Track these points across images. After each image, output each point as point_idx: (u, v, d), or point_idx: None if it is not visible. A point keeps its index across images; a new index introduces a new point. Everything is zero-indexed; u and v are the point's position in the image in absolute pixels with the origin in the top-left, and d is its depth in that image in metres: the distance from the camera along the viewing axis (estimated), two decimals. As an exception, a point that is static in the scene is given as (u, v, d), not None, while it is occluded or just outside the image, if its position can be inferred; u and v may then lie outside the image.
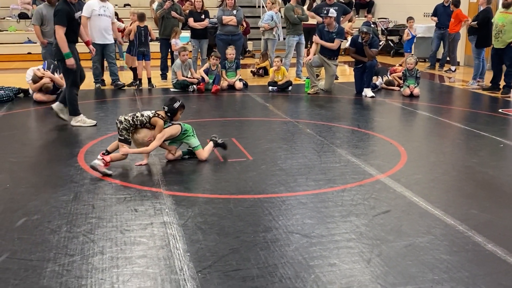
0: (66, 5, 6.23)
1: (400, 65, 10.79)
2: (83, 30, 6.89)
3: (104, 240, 3.47)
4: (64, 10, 6.20)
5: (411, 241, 3.49)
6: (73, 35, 6.44)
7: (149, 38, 9.81)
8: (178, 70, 9.47)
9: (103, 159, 4.76)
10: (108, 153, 4.88)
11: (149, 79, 9.84)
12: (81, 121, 6.67)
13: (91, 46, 6.96)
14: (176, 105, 5.09)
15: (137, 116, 5.01)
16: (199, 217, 3.83)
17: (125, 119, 4.97)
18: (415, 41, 14.20)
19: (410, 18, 12.55)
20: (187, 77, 9.51)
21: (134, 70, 9.89)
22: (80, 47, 6.75)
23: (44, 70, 8.31)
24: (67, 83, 6.62)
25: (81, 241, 3.44)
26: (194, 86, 9.37)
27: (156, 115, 5.03)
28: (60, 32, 6.22)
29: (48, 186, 4.50)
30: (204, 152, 5.24)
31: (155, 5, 15.12)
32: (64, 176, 4.75)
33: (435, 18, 12.38)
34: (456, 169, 5.11)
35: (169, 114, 5.08)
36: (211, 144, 5.38)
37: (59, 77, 8.14)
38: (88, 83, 9.42)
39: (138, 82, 9.79)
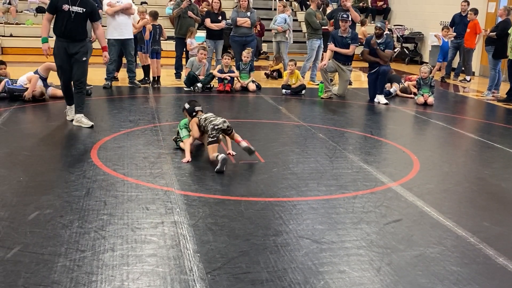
0: None
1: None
2: (100, 35, 6.61)
3: (115, 237, 3.48)
4: None
5: (422, 251, 3.47)
6: (60, 28, 6.22)
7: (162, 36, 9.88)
8: (187, 67, 9.51)
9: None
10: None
11: (158, 78, 9.86)
12: (79, 121, 6.49)
13: (105, 53, 6.67)
14: (189, 104, 5.68)
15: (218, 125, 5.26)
16: (210, 218, 3.84)
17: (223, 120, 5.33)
18: (430, 49, 14.18)
19: (446, 27, 12.38)
20: (198, 75, 9.54)
21: (146, 68, 9.91)
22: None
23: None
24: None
25: (93, 237, 3.46)
26: (199, 84, 9.38)
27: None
28: (44, 18, 6.38)
29: (61, 180, 4.53)
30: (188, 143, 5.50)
31: (170, 5, 15.21)
32: (77, 171, 4.78)
33: (453, 34, 12.26)
34: (469, 180, 5.08)
35: (189, 113, 5.64)
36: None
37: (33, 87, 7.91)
38: (101, 78, 9.50)
39: (152, 80, 9.83)
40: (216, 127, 5.17)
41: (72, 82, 6.54)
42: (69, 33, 6.28)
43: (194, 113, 5.54)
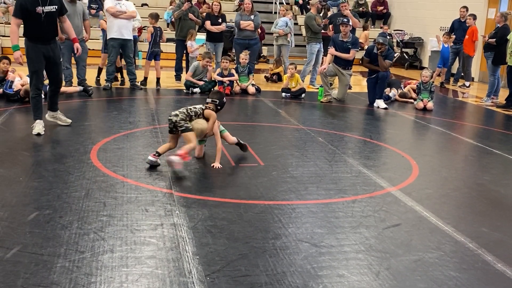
0: None
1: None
2: (68, 27, 6.38)
3: (114, 238, 3.48)
4: (20, 1, 5.80)
5: (421, 256, 3.48)
6: (36, 31, 5.88)
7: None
8: (190, 71, 9.53)
9: (179, 155, 4.86)
10: (159, 154, 5.05)
11: (158, 79, 9.87)
12: (34, 126, 6.09)
13: (76, 45, 6.49)
14: (225, 99, 5.42)
15: (191, 109, 5.19)
16: (209, 221, 3.84)
17: (180, 111, 5.14)
18: (429, 54, 14.21)
19: (448, 34, 12.41)
20: (200, 79, 9.54)
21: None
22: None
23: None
24: (30, 82, 6.19)
25: (92, 238, 3.46)
26: (197, 89, 9.39)
27: (208, 107, 5.25)
28: (12, 23, 5.90)
29: (61, 181, 4.53)
30: (199, 150, 5.38)
31: (170, 10, 15.27)
32: (77, 172, 4.78)
33: (453, 37, 12.29)
34: (468, 185, 5.09)
35: (219, 107, 5.34)
36: (234, 139, 5.59)
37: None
38: (101, 80, 9.51)
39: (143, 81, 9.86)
40: (168, 117, 5.15)
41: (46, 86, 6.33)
42: (46, 35, 5.98)
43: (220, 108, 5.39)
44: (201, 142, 5.34)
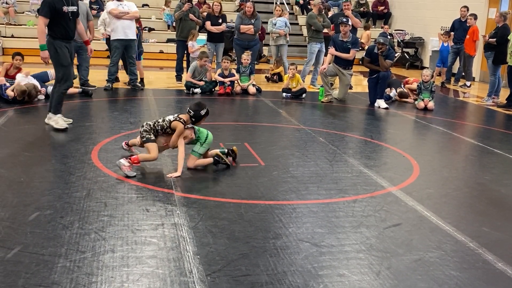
0: None
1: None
2: (81, 29, 6.65)
3: (115, 238, 3.49)
4: (48, 1, 6.01)
5: (421, 255, 3.48)
6: (61, 30, 6.14)
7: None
8: (189, 72, 9.54)
9: (130, 159, 4.78)
10: (128, 145, 5.26)
11: (142, 80, 9.84)
12: (55, 121, 6.37)
13: (89, 46, 6.79)
14: (203, 112, 5.04)
15: (158, 122, 5.03)
16: (210, 220, 3.85)
17: (146, 123, 5.04)
18: (430, 54, 14.21)
19: (447, 33, 12.41)
20: (200, 80, 9.55)
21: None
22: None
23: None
24: (56, 78, 6.43)
25: (93, 238, 3.46)
26: (197, 90, 9.40)
27: (178, 119, 4.96)
28: (40, 22, 6.05)
29: (62, 182, 4.54)
30: (197, 161, 5.04)
31: (169, 11, 15.35)
32: (78, 172, 4.78)
33: (452, 35, 12.32)
34: (469, 185, 5.09)
35: (193, 119, 5.03)
36: (210, 160, 5.13)
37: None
38: (102, 80, 9.52)
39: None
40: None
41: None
42: (71, 34, 6.30)
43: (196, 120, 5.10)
44: (195, 154, 5.05)
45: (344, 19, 9.28)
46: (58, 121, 6.38)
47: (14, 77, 8.06)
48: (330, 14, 12.57)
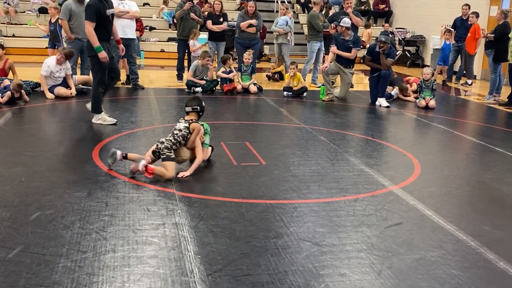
0: (97, 1, 6.30)
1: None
2: (115, 29, 6.87)
3: (116, 238, 3.49)
4: (94, 6, 6.27)
5: (423, 254, 3.48)
6: (104, 32, 6.44)
7: None
8: (190, 71, 9.54)
9: (147, 167, 4.66)
10: (125, 157, 4.84)
11: (127, 76, 9.86)
12: (102, 119, 6.67)
13: (121, 46, 6.95)
14: (203, 103, 5.21)
15: (175, 134, 4.89)
16: (211, 220, 3.85)
17: (166, 139, 4.86)
18: (431, 52, 14.18)
19: (448, 31, 12.41)
20: (201, 79, 9.55)
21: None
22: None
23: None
24: (94, 79, 6.63)
25: (94, 238, 3.46)
26: (199, 88, 9.40)
27: (191, 121, 5.00)
28: (89, 27, 6.29)
29: (63, 181, 4.54)
30: (204, 153, 5.10)
31: (167, 9, 15.36)
32: (79, 172, 4.79)
33: (452, 32, 12.32)
34: (470, 184, 5.08)
35: (201, 114, 5.18)
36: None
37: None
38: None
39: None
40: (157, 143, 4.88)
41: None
42: (110, 34, 6.61)
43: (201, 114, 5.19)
44: (206, 146, 5.22)
45: (337, 21, 9.30)
46: (105, 118, 6.70)
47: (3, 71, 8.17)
48: (331, 12, 12.57)
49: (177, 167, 4.86)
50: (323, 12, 11.30)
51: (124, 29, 9.04)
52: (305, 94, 9.64)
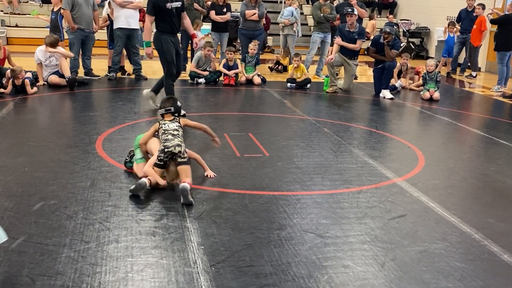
0: None
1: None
2: (188, 23, 6.92)
3: (119, 228, 3.49)
4: (153, 0, 6.34)
5: (426, 247, 3.47)
6: (167, 25, 6.49)
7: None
8: (193, 62, 9.51)
9: (189, 183, 4.03)
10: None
11: (122, 67, 9.82)
12: (152, 99, 7.02)
13: (195, 39, 6.99)
14: (178, 103, 4.78)
15: (176, 134, 4.34)
16: (214, 211, 3.84)
17: (180, 141, 4.30)
18: (436, 44, 14.10)
19: (452, 23, 12.37)
20: (204, 70, 9.52)
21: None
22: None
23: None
24: (164, 71, 6.76)
25: (97, 229, 3.46)
26: (202, 79, 9.37)
27: (176, 118, 4.58)
28: (147, 20, 6.49)
29: (66, 171, 4.53)
30: (139, 169, 4.37)
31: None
32: (82, 162, 4.78)
33: (458, 28, 12.27)
34: (474, 176, 5.06)
35: (176, 115, 4.64)
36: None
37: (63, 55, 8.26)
38: (106, 70, 9.50)
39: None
40: (166, 149, 4.17)
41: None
42: (176, 28, 6.65)
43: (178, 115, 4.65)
44: (140, 160, 4.43)
45: (349, 9, 9.20)
46: (155, 100, 6.98)
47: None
48: (335, 3, 12.50)
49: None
50: (328, 2, 11.22)
51: (127, 19, 9.02)
52: (308, 85, 9.60)
